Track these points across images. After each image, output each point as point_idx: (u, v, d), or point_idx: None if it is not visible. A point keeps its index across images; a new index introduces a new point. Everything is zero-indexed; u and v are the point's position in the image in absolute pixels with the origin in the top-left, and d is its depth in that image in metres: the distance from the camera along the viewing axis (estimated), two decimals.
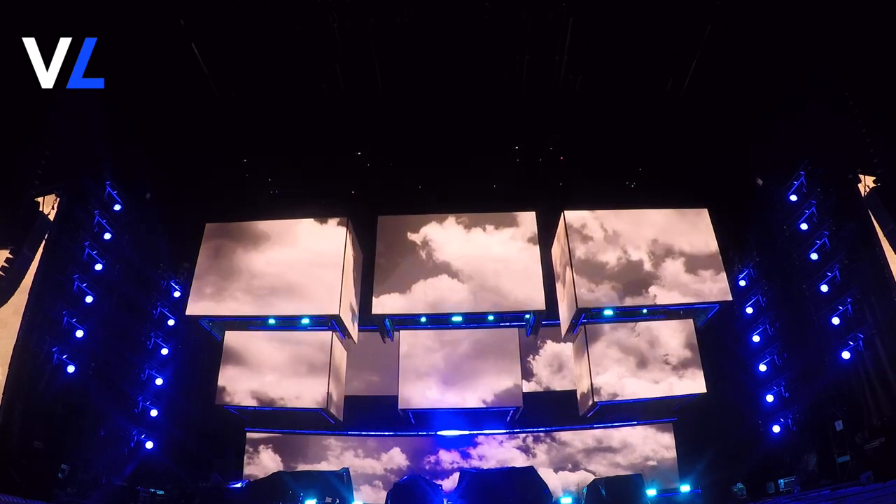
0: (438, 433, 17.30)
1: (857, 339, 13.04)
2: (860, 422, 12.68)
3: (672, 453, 16.79)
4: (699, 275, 16.23)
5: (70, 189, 13.59)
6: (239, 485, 13.92)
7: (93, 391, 13.64)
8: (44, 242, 12.98)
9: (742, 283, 16.96)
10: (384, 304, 16.85)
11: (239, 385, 16.00)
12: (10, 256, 12.36)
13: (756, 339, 16.33)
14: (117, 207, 15.18)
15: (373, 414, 17.29)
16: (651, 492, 13.71)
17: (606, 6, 13.34)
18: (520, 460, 16.94)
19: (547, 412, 17.49)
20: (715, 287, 16.10)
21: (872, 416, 12.45)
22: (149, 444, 15.17)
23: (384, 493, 14.41)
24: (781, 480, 13.95)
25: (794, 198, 15.25)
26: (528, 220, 17.66)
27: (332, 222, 17.48)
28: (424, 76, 14.92)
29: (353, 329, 17.25)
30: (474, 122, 16.17)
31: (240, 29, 13.57)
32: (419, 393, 16.44)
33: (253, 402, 16.01)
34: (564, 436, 17.33)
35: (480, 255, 17.19)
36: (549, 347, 18.28)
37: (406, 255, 17.45)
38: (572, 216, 17.07)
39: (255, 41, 13.87)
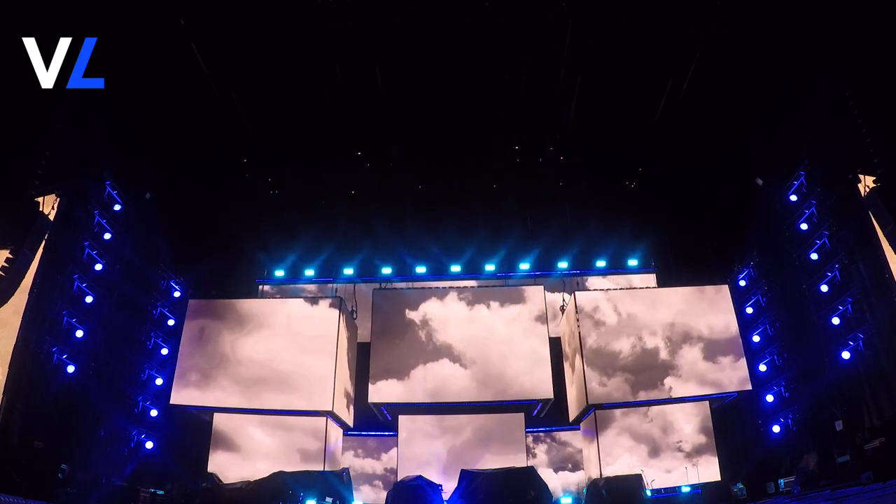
0: None
1: (857, 339, 13.04)
2: (860, 422, 12.69)
3: None
4: (718, 362, 15.39)
5: (70, 189, 13.60)
6: (239, 485, 13.95)
7: (93, 391, 13.63)
8: (44, 242, 12.98)
9: (742, 283, 16.95)
10: (381, 391, 16.02)
11: (230, 472, 14.83)
12: (10, 256, 12.37)
13: (756, 339, 16.32)
14: (117, 207, 15.18)
15: None
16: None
17: (606, 6, 13.34)
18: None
19: None
20: (735, 375, 15.26)
21: (872, 416, 12.46)
22: (149, 444, 15.17)
23: (384, 493, 14.40)
24: (781, 480, 13.93)
25: (794, 198, 15.25)
26: (535, 296, 16.82)
27: (324, 304, 16.58)
28: (424, 77, 14.92)
29: (348, 416, 16.52)
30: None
31: (240, 29, 13.57)
32: None
33: None
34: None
35: (484, 337, 16.32)
36: (557, 435, 17.22)
37: (404, 336, 16.49)
38: (584, 298, 16.22)
39: (254, 41, 13.87)
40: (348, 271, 18.30)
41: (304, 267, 18.67)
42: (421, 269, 18.43)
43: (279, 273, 18.68)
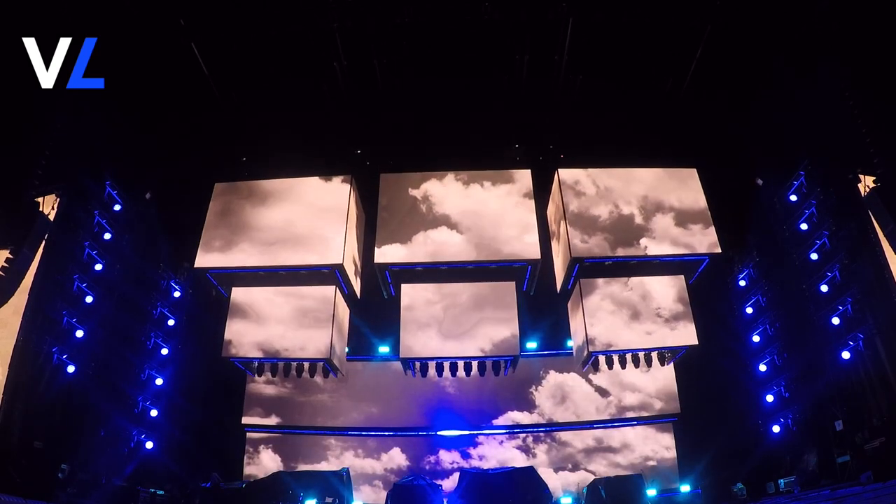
0: (438, 433, 17.31)
1: (857, 339, 13.03)
2: (860, 422, 12.68)
3: (672, 453, 16.80)
4: (689, 228, 16.57)
5: (70, 189, 13.58)
6: (239, 485, 13.98)
7: (93, 391, 13.64)
8: (44, 242, 12.96)
9: (742, 283, 16.96)
10: (386, 254, 17.16)
11: (245, 338, 16.36)
12: (10, 256, 12.35)
13: (756, 339, 16.33)
14: (117, 207, 15.17)
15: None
16: (651, 492, 13.72)
17: (606, 6, 13.34)
18: (520, 460, 16.95)
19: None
20: (705, 240, 16.38)
21: (872, 416, 12.45)
22: (149, 444, 15.17)
23: (384, 493, 14.43)
24: (781, 480, 13.95)
25: (794, 198, 15.25)
26: (524, 178, 18.07)
27: (337, 180, 17.80)
28: (424, 77, 14.94)
29: (355, 283, 17.66)
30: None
31: (239, 29, 13.58)
32: (420, 343, 16.80)
33: (258, 354, 16.22)
34: (564, 436, 17.34)
35: (478, 209, 17.64)
36: (553, 378, 18.17)
37: (407, 209, 17.87)
38: (566, 174, 17.49)
39: (254, 41, 13.88)
40: None
41: None
42: None
43: None
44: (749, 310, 16.59)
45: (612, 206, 17.00)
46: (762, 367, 16.02)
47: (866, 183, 13.16)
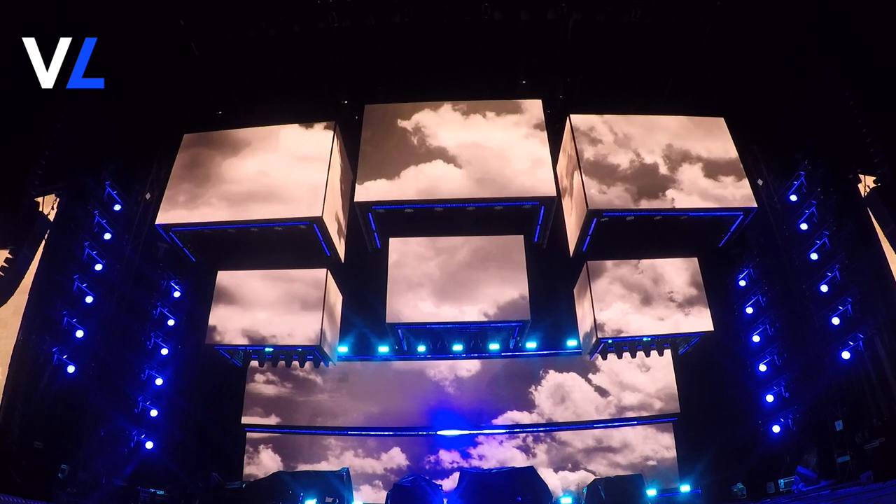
0: (438, 433, 17.31)
1: (857, 339, 13.04)
2: (860, 422, 12.68)
3: (672, 453, 16.79)
4: (720, 180, 14.88)
5: (70, 189, 13.60)
6: (239, 485, 13.98)
7: (93, 391, 13.64)
8: (44, 242, 12.99)
9: (742, 283, 16.95)
10: (369, 190, 15.11)
11: (230, 324, 15.37)
12: (10, 256, 12.38)
13: (756, 339, 16.33)
14: (117, 207, 15.17)
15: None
16: (651, 492, 13.73)
17: (606, 6, 13.35)
18: (520, 460, 16.94)
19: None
20: (738, 193, 14.70)
21: (872, 416, 12.46)
22: (149, 444, 15.17)
23: (384, 493, 14.41)
24: (781, 480, 13.95)
25: (794, 198, 15.25)
26: (534, 108, 16.01)
27: (319, 126, 15.90)
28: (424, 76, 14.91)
29: (339, 244, 16.03)
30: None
31: (239, 29, 13.59)
32: (411, 305, 15.34)
33: (244, 341, 15.54)
34: (564, 435, 17.32)
35: (480, 141, 15.57)
36: (552, 378, 17.70)
37: (395, 141, 15.74)
38: (579, 120, 15.57)
39: (254, 41, 13.88)
40: None
41: None
42: None
43: None
44: (749, 310, 16.59)
45: (632, 154, 15.11)
46: (762, 367, 16.01)
47: (866, 183, 13.19)
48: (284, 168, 15.27)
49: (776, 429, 15.28)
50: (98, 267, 14.39)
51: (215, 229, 15.30)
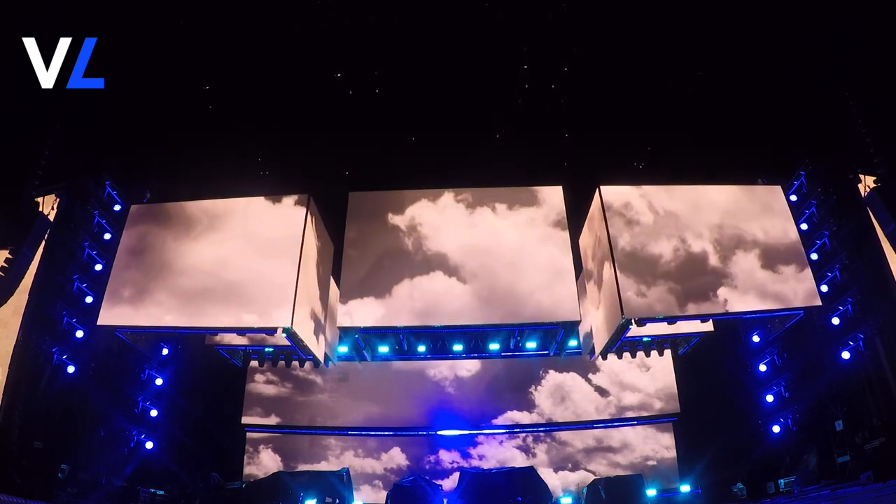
0: (438, 433, 17.31)
1: (858, 339, 13.03)
2: (860, 422, 12.68)
3: (672, 453, 16.80)
4: (779, 272, 12.84)
5: (70, 189, 13.59)
6: (239, 485, 13.97)
7: (93, 391, 13.62)
8: (44, 242, 12.99)
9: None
10: (353, 314, 13.25)
11: None
12: (10, 256, 12.38)
13: (756, 339, 16.32)
14: (117, 207, 15.17)
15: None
16: (651, 492, 13.72)
17: (606, 6, 13.33)
18: (520, 460, 16.96)
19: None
20: (800, 288, 12.73)
21: (872, 416, 12.46)
22: (149, 445, 15.18)
23: (384, 493, 14.41)
24: (781, 480, 13.95)
25: (794, 198, 15.24)
26: (553, 198, 14.01)
27: (289, 201, 13.60)
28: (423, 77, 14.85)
29: (317, 346, 13.96)
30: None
31: (239, 28, 13.57)
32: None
33: (244, 341, 15.24)
34: (564, 435, 17.33)
35: (489, 247, 13.54)
36: (552, 377, 17.49)
37: (386, 245, 13.76)
38: (611, 194, 13.22)
39: (254, 41, 13.86)
40: None
41: None
42: None
43: None
44: None
45: (676, 240, 12.86)
46: (762, 367, 16.01)
47: (866, 183, 13.19)
48: (246, 258, 12.96)
49: (776, 429, 15.29)
50: (98, 267, 14.37)
51: (165, 332, 13.61)
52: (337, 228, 14.63)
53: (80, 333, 13.50)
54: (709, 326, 15.24)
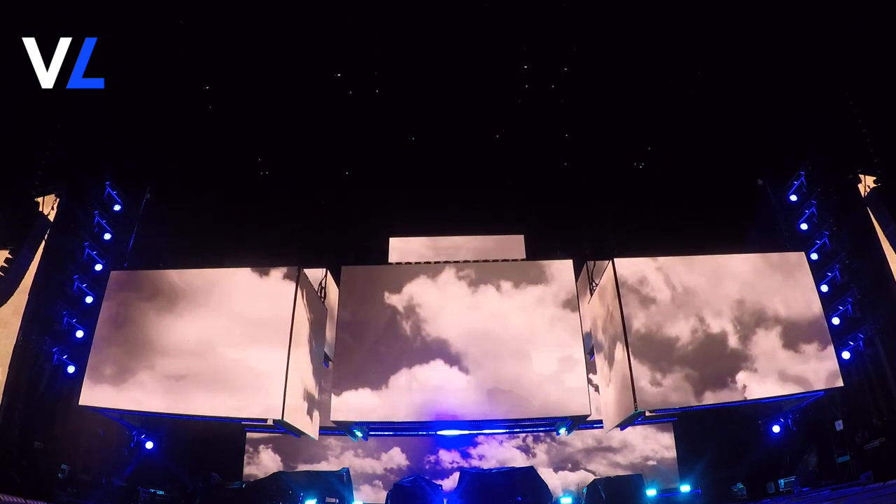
0: (438, 433, 17.29)
1: (858, 339, 13.04)
2: (860, 422, 12.68)
3: (672, 453, 16.78)
4: (801, 351, 12.16)
5: (70, 189, 13.61)
6: (239, 485, 13.96)
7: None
8: (44, 242, 13.00)
9: None
10: (348, 405, 12.75)
11: None
12: (10, 256, 12.38)
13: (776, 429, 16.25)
14: (117, 207, 15.17)
15: None
16: (651, 492, 13.71)
17: (606, 6, 13.33)
18: (520, 460, 16.93)
19: None
20: (822, 368, 12.04)
21: (872, 416, 12.46)
22: (149, 445, 15.17)
23: (384, 493, 14.39)
24: (781, 480, 13.95)
25: (794, 198, 15.25)
26: (562, 275, 13.28)
27: (276, 274, 12.89)
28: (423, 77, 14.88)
29: (310, 426, 13.57)
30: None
31: (238, 28, 13.57)
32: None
33: None
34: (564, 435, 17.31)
35: (493, 331, 12.96)
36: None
37: (382, 329, 13.10)
38: (626, 266, 12.49)
39: (253, 41, 13.86)
40: None
41: None
42: None
43: None
44: None
45: (695, 319, 12.09)
46: None
47: (866, 183, 13.19)
48: (233, 341, 12.30)
49: (776, 429, 15.28)
50: (98, 267, 14.39)
51: (148, 416, 13.01)
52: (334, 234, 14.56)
53: (80, 333, 13.50)
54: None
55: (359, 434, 14.42)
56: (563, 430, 15.05)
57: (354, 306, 13.46)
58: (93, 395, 12.53)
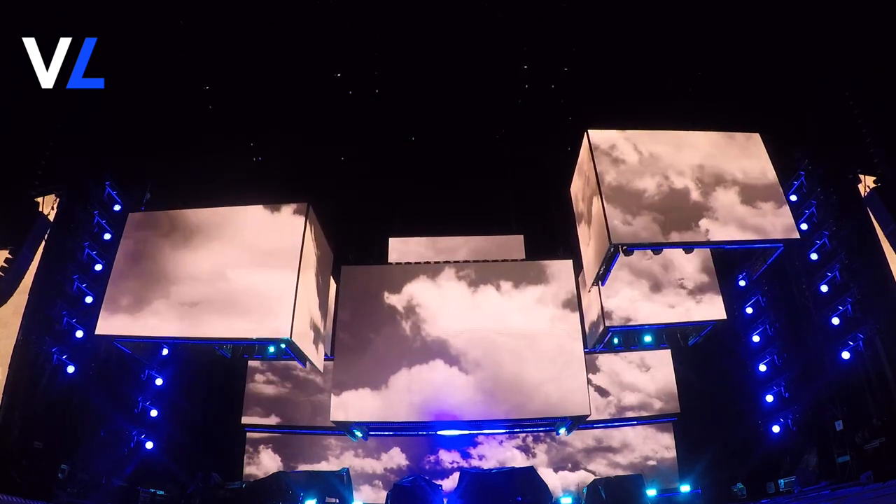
0: (438, 433, 17.29)
1: (857, 339, 13.04)
2: (860, 422, 12.69)
3: (672, 453, 16.79)
4: (758, 207, 12.88)
5: (70, 189, 13.61)
6: (239, 484, 13.97)
7: (93, 391, 13.64)
8: (44, 242, 13.00)
9: (742, 283, 16.95)
10: (347, 405, 13.08)
11: None
12: (10, 256, 12.38)
13: (756, 338, 16.33)
14: (117, 207, 15.17)
15: None
16: (651, 492, 13.73)
17: (607, 6, 13.34)
18: (520, 460, 16.94)
19: None
20: (778, 222, 12.69)
21: (872, 416, 12.46)
22: (149, 445, 15.18)
23: (384, 493, 14.40)
24: (781, 480, 13.96)
25: (794, 198, 15.24)
26: (562, 273, 13.77)
27: (287, 210, 13.43)
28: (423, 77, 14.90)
29: (316, 355, 13.68)
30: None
31: (237, 28, 13.58)
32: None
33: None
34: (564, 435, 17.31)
35: (493, 332, 13.35)
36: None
37: (382, 330, 13.43)
38: (598, 137, 13.34)
39: (253, 41, 13.87)
40: None
41: None
42: None
43: None
44: (749, 310, 16.59)
45: (660, 177, 13.05)
46: (762, 367, 16.02)
47: (866, 183, 13.20)
48: (245, 268, 12.81)
49: (776, 429, 15.29)
50: (98, 267, 14.39)
51: (163, 342, 13.45)
52: (334, 234, 14.61)
53: (80, 334, 13.51)
54: (721, 314, 14.72)
55: (358, 434, 14.66)
56: (562, 431, 15.42)
57: (354, 306, 13.79)
58: (109, 324, 12.73)
